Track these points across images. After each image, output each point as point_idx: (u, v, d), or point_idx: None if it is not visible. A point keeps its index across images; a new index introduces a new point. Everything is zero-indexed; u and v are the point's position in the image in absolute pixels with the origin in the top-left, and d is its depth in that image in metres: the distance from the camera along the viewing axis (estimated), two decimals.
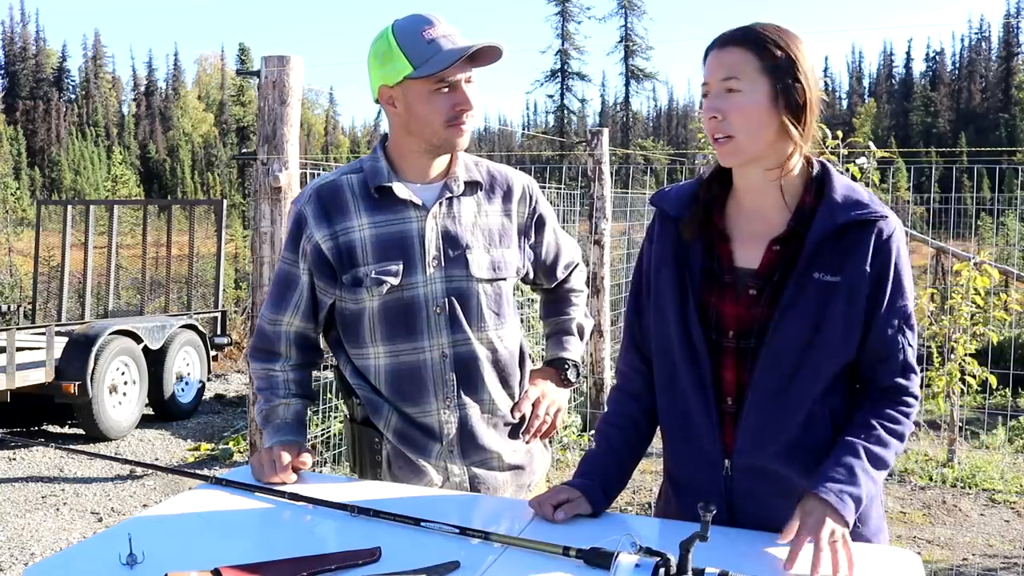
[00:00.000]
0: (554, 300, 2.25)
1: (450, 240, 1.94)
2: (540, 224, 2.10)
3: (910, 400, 1.60)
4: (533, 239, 2.09)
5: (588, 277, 6.24)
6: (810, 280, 1.55)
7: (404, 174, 1.96)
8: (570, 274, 2.23)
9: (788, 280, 1.56)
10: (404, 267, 1.91)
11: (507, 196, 2.04)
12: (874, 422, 1.57)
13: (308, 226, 1.94)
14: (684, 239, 1.65)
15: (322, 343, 2.11)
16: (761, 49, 1.52)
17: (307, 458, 1.85)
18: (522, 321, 2.50)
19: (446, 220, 1.95)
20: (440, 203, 1.95)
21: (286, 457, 1.82)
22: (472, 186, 2.00)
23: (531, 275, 2.12)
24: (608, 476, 1.70)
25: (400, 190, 1.93)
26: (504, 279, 2.00)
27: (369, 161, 1.99)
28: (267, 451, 1.86)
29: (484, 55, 1.88)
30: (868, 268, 1.55)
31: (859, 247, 1.55)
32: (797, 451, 1.59)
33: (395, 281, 1.90)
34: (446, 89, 1.87)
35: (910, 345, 1.59)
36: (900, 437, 1.58)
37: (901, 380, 1.59)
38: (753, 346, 1.59)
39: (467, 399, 1.96)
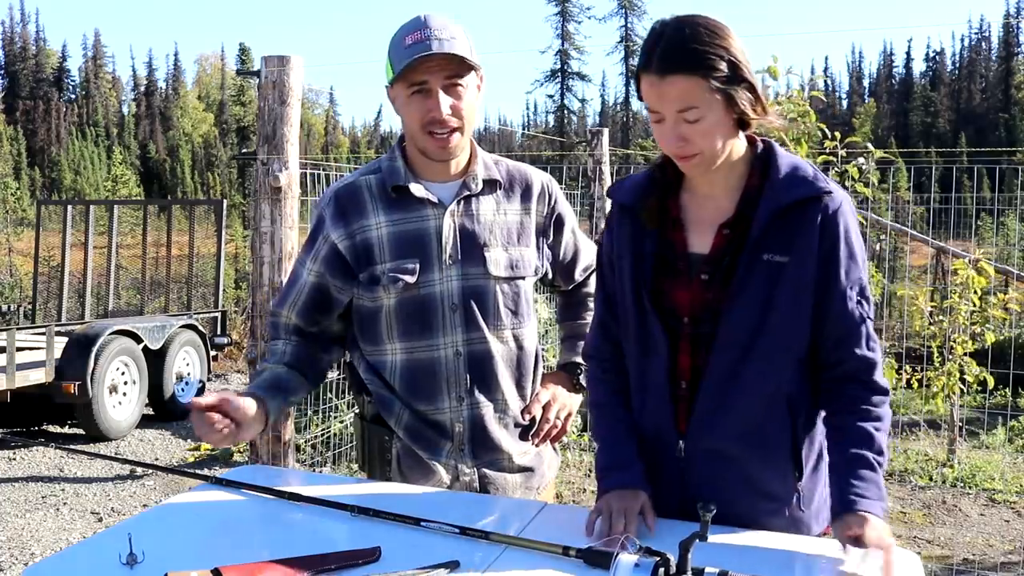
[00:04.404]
0: (571, 304, 2.25)
1: (468, 238, 1.94)
2: (559, 223, 2.09)
3: (879, 378, 1.59)
4: (551, 238, 2.08)
5: None
6: (759, 262, 1.56)
7: (421, 173, 1.96)
8: (588, 277, 2.21)
9: (738, 263, 1.57)
10: (420, 265, 1.91)
11: (526, 194, 2.04)
12: (861, 424, 1.56)
13: (326, 227, 1.95)
14: (645, 228, 1.66)
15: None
16: (707, 69, 1.48)
17: (247, 407, 1.77)
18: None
19: (464, 218, 1.95)
20: (458, 201, 1.95)
21: (233, 402, 1.75)
22: (491, 184, 2.00)
23: (549, 275, 2.12)
24: (641, 462, 1.67)
25: (417, 189, 1.93)
26: (523, 278, 2.00)
27: (387, 161, 2.00)
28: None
29: (463, 62, 1.86)
30: (816, 245, 1.56)
31: (806, 225, 1.56)
32: (751, 434, 1.61)
33: (411, 279, 1.91)
34: (420, 95, 1.86)
35: (869, 317, 1.59)
36: (884, 427, 1.58)
37: (867, 353, 1.58)
38: (707, 331, 1.60)
39: (480, 398, 1.96)
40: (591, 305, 2.22)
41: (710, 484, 1.63)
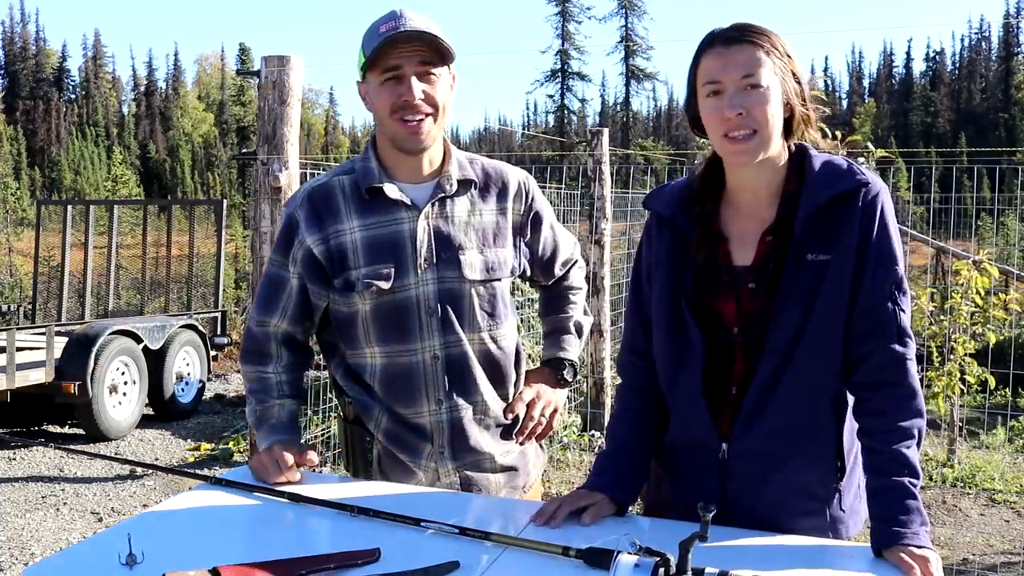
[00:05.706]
0: (553, 298, 2.22)
1: (443, 241, 1.92)
2: (536, 221, 2.06)
3: (909, 378, 1.56)
4: (529, 236, 2.05)
5: (588, 276, 6.24)
6: (803, 262, 1.56)
7: (395, 174, 1.93)
8: (568, 271, 2.19)
9: (783, 267, 1.57)
10: (395, 269, 1.89)
11: (502, 194, 2.00)
12: (896, 448, 1.52)
13: (300, 231, 1.92)
14: (686, 239, 1.66)
15: (312, 343, 2.11)
16: (766, 48, 1.55)
17: (312, 455, 1.86)
18: (522, 321, 2.49)
19: (438, 220, 1.92)
20: (432, 203, 1.92)
21: (288, 456, 1.82)
22: (465, 184, 1.96)
23: (528, 272, 2.09)
24: (620, 472, 1.69)
25: (391, 191, 1.90)
26: (499, 280, 1.98)
27: (360, 162, 1.96)
28: (267, 452, 1.86)
29: (441, 51, 1.85)
30: (856, 237, 1.56)
31: (846, 220, 1.56)
32: (796, 434, 1.61)
33: (386, 285, 1.88)
34: (393, 80, 1.85)
35: (903, 311, 1.57)
36: (919, 437, 1.55)
37: (897, 348, 1.56)
38: (757, 337, 1.60)
39: (459, 401, 1.94)
40: (573, 298, 2.22)
41: (753, 486, 1.63)
